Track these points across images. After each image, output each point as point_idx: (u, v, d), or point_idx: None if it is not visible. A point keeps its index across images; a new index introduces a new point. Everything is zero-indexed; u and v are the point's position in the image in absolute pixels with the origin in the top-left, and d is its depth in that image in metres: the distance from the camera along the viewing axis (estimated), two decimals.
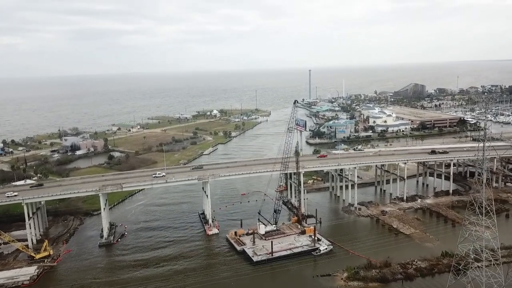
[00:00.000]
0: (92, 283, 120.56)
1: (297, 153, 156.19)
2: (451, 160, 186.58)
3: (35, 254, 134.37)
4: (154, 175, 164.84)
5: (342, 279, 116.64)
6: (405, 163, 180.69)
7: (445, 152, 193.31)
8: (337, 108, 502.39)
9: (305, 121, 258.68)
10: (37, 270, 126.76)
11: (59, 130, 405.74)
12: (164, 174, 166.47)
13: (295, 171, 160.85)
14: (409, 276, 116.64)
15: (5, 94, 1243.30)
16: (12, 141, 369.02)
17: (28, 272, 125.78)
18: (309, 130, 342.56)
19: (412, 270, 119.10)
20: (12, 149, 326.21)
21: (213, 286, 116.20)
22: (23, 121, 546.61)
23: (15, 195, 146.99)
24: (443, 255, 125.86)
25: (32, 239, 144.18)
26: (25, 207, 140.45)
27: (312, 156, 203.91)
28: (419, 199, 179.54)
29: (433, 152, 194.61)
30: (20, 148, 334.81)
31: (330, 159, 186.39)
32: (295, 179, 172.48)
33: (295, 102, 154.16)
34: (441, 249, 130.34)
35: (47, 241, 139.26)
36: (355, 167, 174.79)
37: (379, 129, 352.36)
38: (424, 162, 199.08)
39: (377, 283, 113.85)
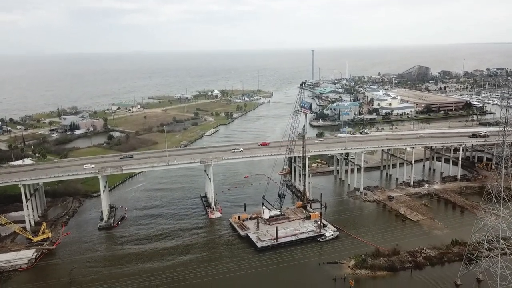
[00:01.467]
0: (92, 269, 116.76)
1: (303, 137, 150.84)
2: (460, 145, 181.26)
3: (33, 236, 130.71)
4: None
5: (349, 267, 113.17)
6: (413, 147, 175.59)
7: (486, 136, 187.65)
8: (340, 90, 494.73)
9: (311, 103, 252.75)
10: (35, 254, 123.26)
11: (58, 108, 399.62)
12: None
13: (300, 155, 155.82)
14: (418, 264, 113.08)
15: (3, 71, 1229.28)
16: (11, 119, 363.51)
17: (26, 255, 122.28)
18: (313, 112, 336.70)
19: (421, 259, 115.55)
20: (10, 128, 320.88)
21: (217, 273, 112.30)
22: (21, 99, 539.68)
23: (92, 167, 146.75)
24: (453, 243, 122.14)
25: (30, 221, 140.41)
26: (22, 189, 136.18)
27: (315, 139, 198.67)
28: (426, 185, 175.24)
29: (474, 135, 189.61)
30: (19, 127, 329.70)
31: (336, 143, 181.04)
32: (299, 162, 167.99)
33: (303, 83, 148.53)
34: (451, 237, 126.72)
35: (45, 223, 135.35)
36: (362, 151, 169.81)
37: (384, 111, 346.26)
38: (431, 146, 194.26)
39: (386, 272, 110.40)
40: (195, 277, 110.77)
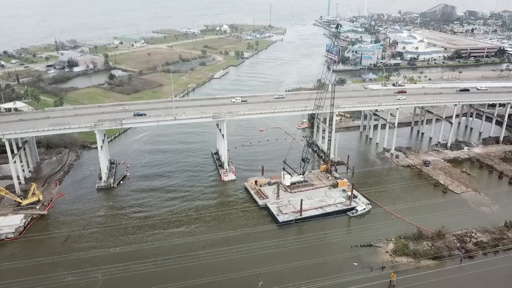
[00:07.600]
0: (88, 242, 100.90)
1: (333, 91, 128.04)
2: (509, 102, 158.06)
3: (21, 199, 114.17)
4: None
5: (387, 252, 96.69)
6: (455, 104, 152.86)
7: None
8: (360, 29, 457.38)
9: (340, 48, 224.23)
10: (24, 221, 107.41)
11: (55, 41, 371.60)
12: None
13: (327, 111, 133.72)
14: (468, 252, 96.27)
15: None
16: (5, 52, 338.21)
17: (13, 222, 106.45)
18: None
19: (471, 245, 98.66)
20: (3, 62, 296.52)
21: (232, 254, 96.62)
22: (13, 31, 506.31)
23: (238, 99, 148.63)
24: (508, 226, 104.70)
25: (18, 177, 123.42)
26: (6, 143, 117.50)
27: (340, 91, 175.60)
28: (466, 147, 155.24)
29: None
30: (13, 61, 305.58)
31: (368, 97, 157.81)
32: (321, 116, 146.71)
33: (338, 26, 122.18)
34: (502, 215, 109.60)
35: (35, 184, 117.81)
36: (397, 108, 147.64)
37: (409, 56, 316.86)
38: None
39: (431, 261, 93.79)
40: (202, 258, 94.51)
